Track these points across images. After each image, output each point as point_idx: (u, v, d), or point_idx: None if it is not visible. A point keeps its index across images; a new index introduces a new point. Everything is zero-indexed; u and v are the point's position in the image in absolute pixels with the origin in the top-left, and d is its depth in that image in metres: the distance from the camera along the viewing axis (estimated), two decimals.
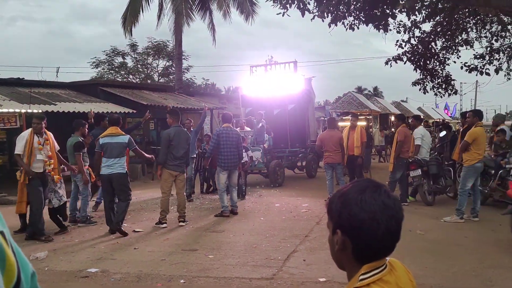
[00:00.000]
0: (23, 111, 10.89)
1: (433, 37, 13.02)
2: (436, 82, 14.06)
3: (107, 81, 22.27)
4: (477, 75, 13.33)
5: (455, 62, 13.75)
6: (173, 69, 29.65)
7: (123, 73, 32.48)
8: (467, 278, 4.97)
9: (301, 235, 6.82)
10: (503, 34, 13.58)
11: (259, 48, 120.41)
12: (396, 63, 12.88)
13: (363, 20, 10.90)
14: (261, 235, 6.88)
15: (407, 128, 9.72)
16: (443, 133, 11.60)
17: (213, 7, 22.03)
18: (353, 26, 11.07)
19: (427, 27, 14.27)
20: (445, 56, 13.90)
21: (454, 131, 12.82)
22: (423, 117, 24.94)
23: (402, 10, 9.30)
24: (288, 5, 10.27)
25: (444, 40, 13.41)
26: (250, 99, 14.02)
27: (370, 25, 10.90)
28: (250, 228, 7.45)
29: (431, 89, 14.16)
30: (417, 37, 12.87)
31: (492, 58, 13.63)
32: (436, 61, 13.87)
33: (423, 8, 10.50)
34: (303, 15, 10.37)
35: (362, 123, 10.26)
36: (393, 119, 24.68)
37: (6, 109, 10.71)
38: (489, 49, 13.63)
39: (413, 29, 12.31)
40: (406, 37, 12.65)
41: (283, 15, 10.44)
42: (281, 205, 9.50)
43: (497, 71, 13.15)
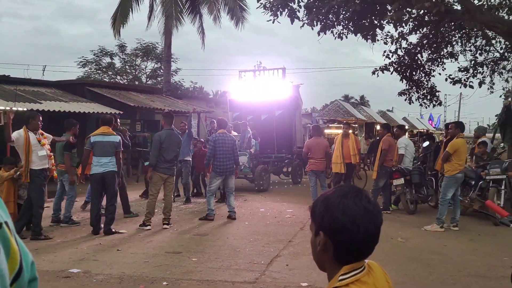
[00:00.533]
0: (8, 108, 10.77)
1: (419, 49, 13.27)
2: (421, 93, 14.31)
3: (94, 81, 22.12)
4: (461, 88, 13.61)
5: (440, 74, 14.04)
6: (161, 71, 29.59)
7: (110, 73, 32.29)
8: (446, 285, 5.08)
9: (284, 240, 6.87)
10: (487, 48, 13.90)
11: (248, 53, 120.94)
12: (383, 73, 13.10)
13: (352, 29, 11.08)
14: (245, 239, 6.92)
15: (392, 137, 9.87)
16: (426, 143, 11.80)
17: (203, 11, 22.11)
18: (341, 35, 11.24)
19: (413, 39, 14.56)
20: (430, 68, 14.16)
21: (437, 141, 13.03)
22: (407, 127, 25.30)
23: (389, 21, 9.48)
24: (278, 12, 10.39)
25: (430, 52, 13.67)
26: (238, 104, 14.07)
27: (358, 35, 11.07)
28: (234, 232, 7.48)
29: (416, 100, 14.41)
30: (403, 48, 13.10)
31: (476, 71, 13.92)
32: (421, 73, 14.12)
33: (410, 20, 10.72)
34: (292, 22, 10.50)
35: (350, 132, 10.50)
36: (378, 128, 25.00)
37: None
38: (473, 62, 13.92)
39: (400, 40, 12.54)
40: (393, 48, 12.89)
41: (273, 22, 10.55)
42: (266, 210, 9.55)
43: (481, 84, 13.44)
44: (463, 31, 12.76)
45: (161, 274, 5.21)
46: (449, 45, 13.53)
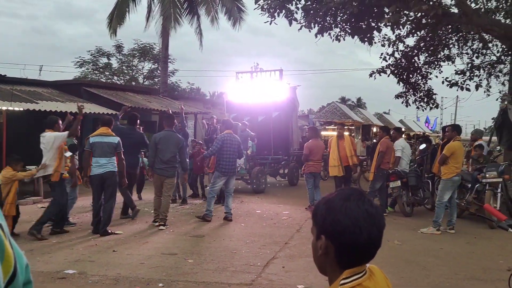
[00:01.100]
0: (4, 108, 10.72)
1: (416, 51, 13.30)
2: (418, 95, 14.34)
3: (91, 81, 22.04)
4: (457, 90, 13.65)
5: (437, 77, 14.07)
6: (158, 72, 29.53)
7: (107, 74, 32.21)
8: None
9: (281, 242, 6.86)
10: (484, 51, 13.96)
11: (245, 55, 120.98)
12: (380, 75, 13.12)
13: (349, 32, 11.10)
14: (241, 241, 6.90)
15: (390, 140, 9.88)
16: (423, 146, 11.81)
17: (201, 12, 22.07)
18: (339, 37, 11.25)
19: (410, 41, 14.63)
20: (427, 70, 14.20)
21: (434, 144, 13.06)
22: (404, 130, 25.35)
23: (387, 24, 9.48)
24: (276, 14, 10.40)
25: (427, 55, 13.70)
26: (235, 105, 14.06)
27: (355, 37, 11.09)
28: (230, 233, 7.46)
29: (413, 103, 14.44)
30: (401, 51, 13.14)
31: (472, 74, 13.98)
32: (418, 75, 14.15)
33: (408, 22, 10.73)
34: (290, 24, 10.50)
35: (345, 133, 10.37)
36: (375, 130, 25.04)
37: None
38: (470, 65, 13.98)
39: (397, 43, 12.56)
40: (390, 51, 12.92)
41: (270, 23, 10.55)
42: (262, 211, 9.53)
43: (477, 87, 13.50)
44: (460, 34, 12.81)
45: (157, 275, 5.19)
46: (446, 48, 13.58)
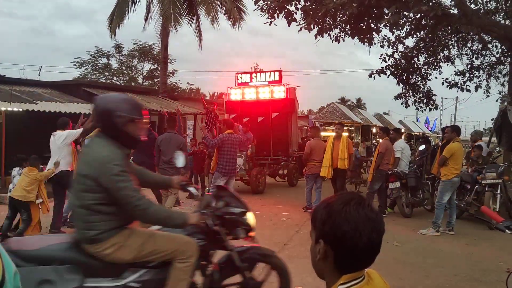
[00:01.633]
0: (3, 109, 10.71)
1: (416, 52, 13.30)
2: (417, 96, 14.33)
3: (91, 82, 22.07)
4: (457, 91, 13.71)
5: (437, 78, 14.07)
6: (158, 72, 29.51)
7: (107, 74, 32.22)
8: None
9: (280, 243, 6.84)
10: (484, 52, 13.96)
11: (245, 55, 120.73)
12: (379, 76, 13.10)
13: (349, 33, 11.09)
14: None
15: (389, 140, 9.86)
16: (422, 147, 11.81)
17: (201, 12, 22.05)
18: (338, 38, 11.24)
19: (410, 42, 14.65)
20: (427, 71, 14.19)
21: (433, 145, 13.06)
22: (403, 131, 25.38)
23: (386, 24, 9.48)
24: (275, 15, 10.39)
25: (426, 56, 13.70)
26: (234, 106, 14.05)
27: (355, 38, 11.08)
28: None
29: (412, 103, 14.43)
30: (400, 52, 13.13)
31: (472, 75, 13.98)
32: (418, 76, 14.15)
33: (407, 23, 10.74)
34: (289, 24, 10.49)
35: (344, 134, 10.18)
36: (374, 130, 25.07)
37: None
38: (469, 66, 13.98)
39: (396, 44, 12.57)
40: (389, 51, 12.92)
41: (270, 24, 10.54)
42: (261, 212, 9.51)
43: (477, 88, 13.50)
44: (460, 35, 12.81)
45: None
46: (446, 49, 13.58)
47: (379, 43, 12.51)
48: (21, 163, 7.07)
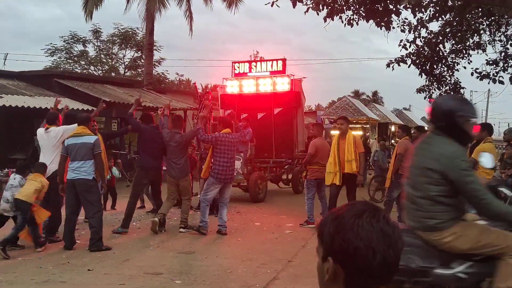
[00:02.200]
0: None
1: (441, 38, 13.26)
2: (443, 89, 14.31)
3: (64, 72, 22.05)
4: (489, 83, 13.61)
5: (465, 67, 14.03)
6: (142, 61, 29.55)
7: (83, 63, 32.30)
8: None
9: (283, 260, 6.85)
10: None
11: (243, 41, 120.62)
12: (399, 65, 13.08)
13: (363, 15, 11.06)
14: (238, 259, 6.89)
15: (410, 140, 9.82)
16: None
17: None
18: (351, 21, 11.21)
19: (434, 27, 14.57)
20: (454, 60, 14.16)
21: None
22: (427, 129, 25.35)
23: (407, 6, 9.45)
24: None
25: (453, 42, 13.67)
26: (230, 100, 14.04)
27: (370, 21, 11.05)
28: (225, 250, 7.45)
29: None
30: (423, 37, 13.09)
31: (506, 64, 13.94)
32: (444, 66, 14.12)
33: (431, 5, 10.71)
34: (294, 5, 10.45)
35: (358, 133, 10.05)
36: (393, 129, 25.06)
37: None
38: (503, 54, 13.95)
39: (419, 28, 12.52)
40: (411, 37, 12.86)
41: (272, 5, 10.51)
42: (262, 224, 9.52)
43: None
44: (492, 18, 12.79)
45: None
46: (476, 34, 13.55)
47: (398, 27, 12.47)
48: (23, 171, 7.27)
